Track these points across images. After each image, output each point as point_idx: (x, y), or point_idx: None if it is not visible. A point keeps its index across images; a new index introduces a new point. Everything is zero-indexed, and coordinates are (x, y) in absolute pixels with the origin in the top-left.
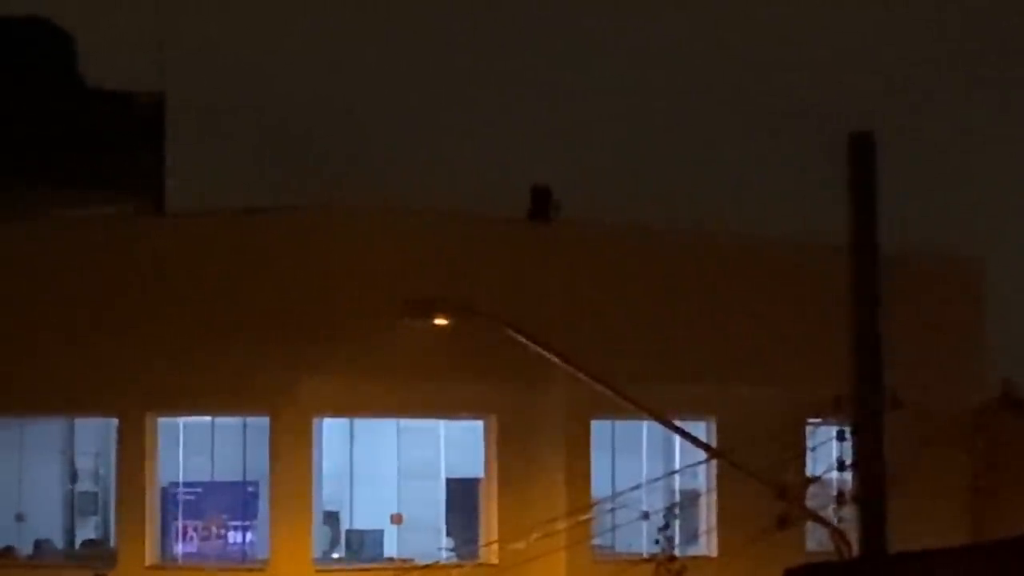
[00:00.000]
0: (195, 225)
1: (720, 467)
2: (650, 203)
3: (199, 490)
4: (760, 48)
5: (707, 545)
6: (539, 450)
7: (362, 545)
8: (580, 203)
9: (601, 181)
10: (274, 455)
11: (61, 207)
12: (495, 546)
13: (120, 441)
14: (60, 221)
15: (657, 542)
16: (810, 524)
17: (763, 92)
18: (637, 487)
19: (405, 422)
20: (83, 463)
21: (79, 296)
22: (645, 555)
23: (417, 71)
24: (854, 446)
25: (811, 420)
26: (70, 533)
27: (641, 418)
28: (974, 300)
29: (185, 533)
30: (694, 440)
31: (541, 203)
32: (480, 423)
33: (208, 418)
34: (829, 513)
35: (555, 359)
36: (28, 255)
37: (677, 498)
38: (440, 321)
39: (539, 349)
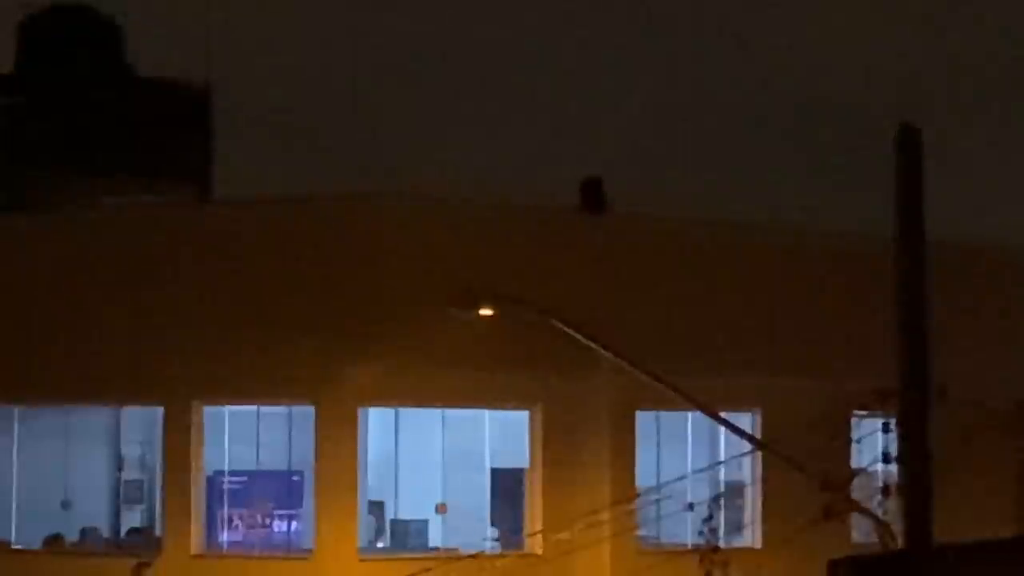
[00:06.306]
0: (242, 213)
1: (765, 459)
2: (696, 196)
3: (244, 479)
4: (807, 45)
5: (751, 536)
6: (584, 440)
7: (407, 535)
8: (626, 196)
9: (646, 174)
10: (319, 444)
11: (108, 195)
12: (539, 536)
13: (166, 430)
14: (107, 210)
15: (701, 533)
16: (855, 516)
17: (811, 87)
18: (682, 478)
19: (450, 412)
20: (129, 451)
21: (125, 285)
22: (689, 546)
23: (466, 62)
24: (899, 438)
25: (856, 412)
26: (116, 521)
27: (686, 409)
28: (1022, 290)
29: (230, 522)
30: (739, 431)
31: (593, 195)
32: (525, 413)
33: (254, 407)
34: (874, 505)
35: (601, 350)
36: (74, 244)
37: (722, 489)
38: (485, 311)
39: (585, 340)
